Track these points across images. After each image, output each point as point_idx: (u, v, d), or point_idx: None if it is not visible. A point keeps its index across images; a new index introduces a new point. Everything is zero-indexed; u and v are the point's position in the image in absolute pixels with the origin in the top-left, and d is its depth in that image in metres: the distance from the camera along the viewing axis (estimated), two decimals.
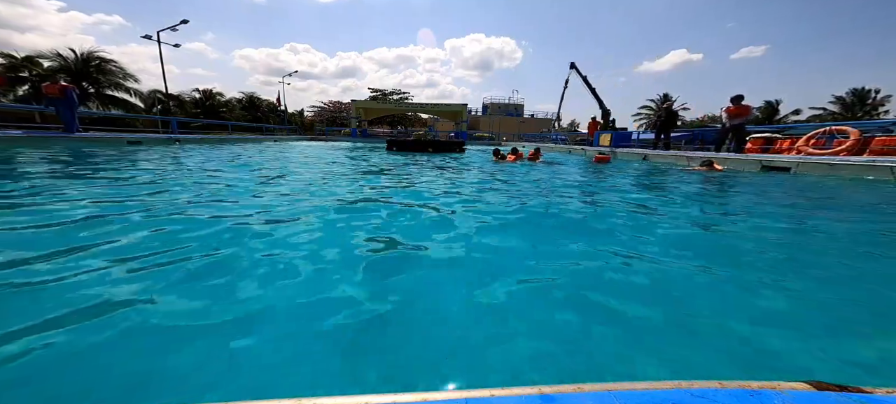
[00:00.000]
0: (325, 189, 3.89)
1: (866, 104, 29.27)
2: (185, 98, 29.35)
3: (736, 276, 1.69)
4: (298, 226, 2.32)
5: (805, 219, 2.96)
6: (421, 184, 4.54)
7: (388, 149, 11.89)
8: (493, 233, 2.34)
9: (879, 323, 1.31)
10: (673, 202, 3.78)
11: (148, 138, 11.13)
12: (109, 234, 2.00)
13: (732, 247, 2.24)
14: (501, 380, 0.97)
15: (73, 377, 0.94)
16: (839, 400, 0.59)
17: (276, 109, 33.49)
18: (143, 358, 1.02)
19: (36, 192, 3.07)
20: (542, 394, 0.58)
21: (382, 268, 1.73)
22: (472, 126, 40.54)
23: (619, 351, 1.11)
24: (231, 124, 21.84)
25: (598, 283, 1.58)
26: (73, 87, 9.02)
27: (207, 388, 0.92)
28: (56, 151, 6.76)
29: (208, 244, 1.89)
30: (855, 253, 2.13)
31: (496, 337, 1.17)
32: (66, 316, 1.18)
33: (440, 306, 1.36)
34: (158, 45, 18.50)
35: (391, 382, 0.96)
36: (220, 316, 1.23)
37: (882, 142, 6.91)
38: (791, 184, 5.16)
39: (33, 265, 1.56)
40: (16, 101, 18.32)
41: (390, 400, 0.56)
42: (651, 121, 35.32)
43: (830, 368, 1.05)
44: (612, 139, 13.74)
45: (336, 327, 1.20)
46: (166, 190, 3.45)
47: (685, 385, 0.61)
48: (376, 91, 45.57)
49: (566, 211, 3.14)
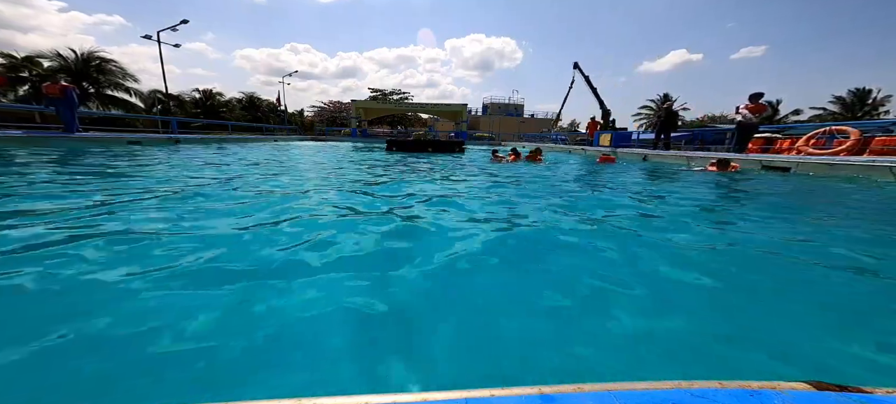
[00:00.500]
0: (325, 188, 3.90)
1: (866, 104, 29.26)
2: (185, 98, 29.34)
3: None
4: (297, 225, 2.32)
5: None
6: (420, 183, 4.54)
7: (387, 150, 11.89)
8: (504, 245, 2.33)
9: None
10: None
11: (148, 138, 11.12)
12: (108, 234, 2.01)
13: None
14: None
15: (85, 369, 0.94)
16: (839, 400, 0.59)
17: (276, 109, 33.50)
18: (149, 355, 1.02)
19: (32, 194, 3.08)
20: (542, 394, 0.58)
21: (382, 266, 1.73)
22: (472, 126, 40.53)
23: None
24: (231, 124, 21.85)
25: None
26: (73, 87, 9.02)
27: (206, 388, 0.92)
28: (55, 152, 6.76)
29: (208, 243, 1.89)
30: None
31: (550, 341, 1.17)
32: (76, 315, 1.19)
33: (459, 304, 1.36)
34: (158, 46, 18.52)
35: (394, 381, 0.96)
36: (221, 316, 1.23)
37: (882, 142, 6.92)
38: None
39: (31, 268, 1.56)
40: (16, 101, 18.33)
41: (390, 400, 0.56)
42: (651, 121, 35.31)
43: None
44: (613, 139, 13.75)
45: (337, 327, 1.20)
46: (163, 189, 3.45)
47: (685, 385, 0.61)
48: (376, 91, 45.56)
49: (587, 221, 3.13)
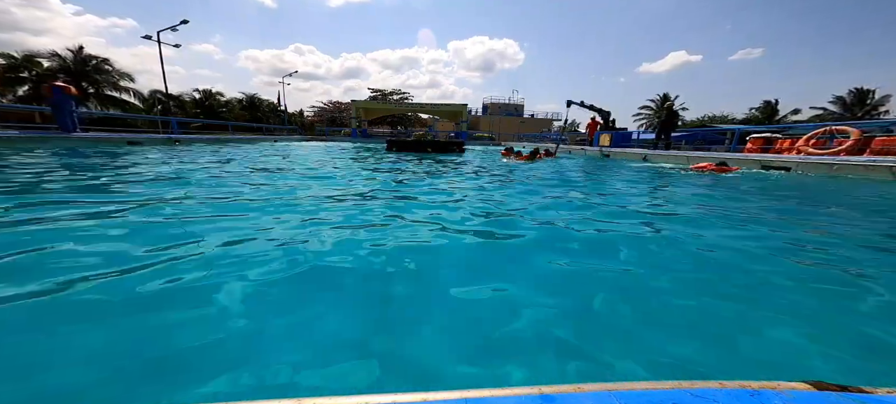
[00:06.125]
0: (324, 190, 3.89)
1: (866, 104, 29.24)
2: (186, 98, 29.32)
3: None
4: (294, 224, 2.32)
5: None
6: (416, 183, 4.54)
7: (387, 149, 11.98)
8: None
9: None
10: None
11: (148, 138, 11.12)
12: (108, 232, 2.00)
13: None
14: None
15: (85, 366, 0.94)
16: (839, 400, 0.59)
17: (277, 109, 33.48)
18: (154, 352, 1.02)
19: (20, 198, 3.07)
20: (542, 394, 0.58)
21: (381, 265, 1.73)
22: (472, 126, 40.52)
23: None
24: (231, 124, 21.84)
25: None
26: (65, 87, 8.80)
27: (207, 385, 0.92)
28: (55, 152, 6.76)
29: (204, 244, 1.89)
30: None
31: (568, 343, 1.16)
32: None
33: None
34: (158, 46, 18.52)
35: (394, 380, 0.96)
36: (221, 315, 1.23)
37: (882, 142, 6.92)
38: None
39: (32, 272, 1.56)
40: (16, 101, 18.32)
41: (390, 400, 0.56)
42: (650, 121, 35.28)
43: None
44: (613, 139, 13.75)
45: (338, 325, 1.20)
46: (161, 189, 3.44)
47: (685, 385, 0.61)
48: (376, 91, 45.49)
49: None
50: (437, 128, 36.97)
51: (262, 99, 36.39)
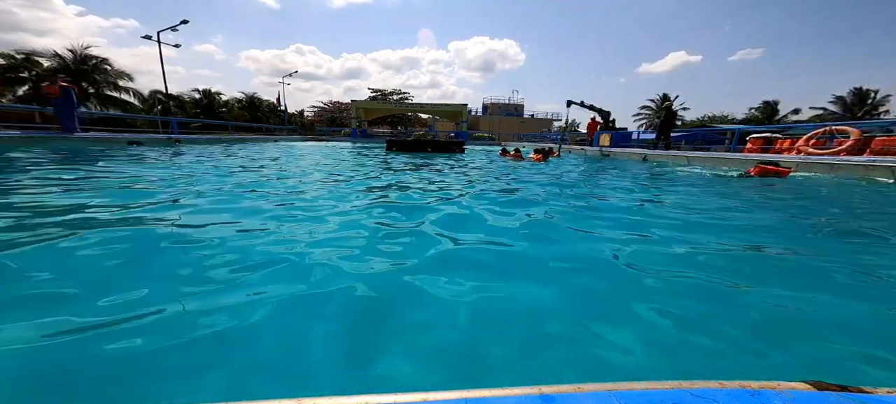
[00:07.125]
0: (325, 189, 3.89)
1: (866, 104, 29.22)
2: (186, 98, 29.30)
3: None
4: (294, 224, 2.32)
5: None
6: (414, 182, 4.54)
7: (387, 149, 12.00)
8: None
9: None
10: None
11: (148, 138, 11.12)
12: (106, 232, 2.00)
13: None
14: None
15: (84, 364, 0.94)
16: (839, 400, 0.59)
17: (277, 110, 33.46)
18: (150, 351, 1.02)
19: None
20: (542, 394, 0.58)
21: (381, 263, 1.73)
22: (472, 126, 40.50)
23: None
24: (231, 124, 21.84)
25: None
26: (72, 87, 8.97)
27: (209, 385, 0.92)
28: (52, 152, 6.76)
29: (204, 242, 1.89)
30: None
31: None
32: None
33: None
34: (158, 46, 18.51)
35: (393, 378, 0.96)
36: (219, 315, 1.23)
37: (882, 142, 6.91)
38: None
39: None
40: (16, 101, 18.32)
41: (390, 400, 0.56)
42: (650, 121, 35.27)
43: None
44: (613, 139, 13.75)
45: (339, 325, 1.20)
46: (161, 190, 3.45)
47: (685, 385, 0.61)
48: (376, 91, 45.44)
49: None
50: (437, 128, 36.96)
51: (261, 99, 36.35)
